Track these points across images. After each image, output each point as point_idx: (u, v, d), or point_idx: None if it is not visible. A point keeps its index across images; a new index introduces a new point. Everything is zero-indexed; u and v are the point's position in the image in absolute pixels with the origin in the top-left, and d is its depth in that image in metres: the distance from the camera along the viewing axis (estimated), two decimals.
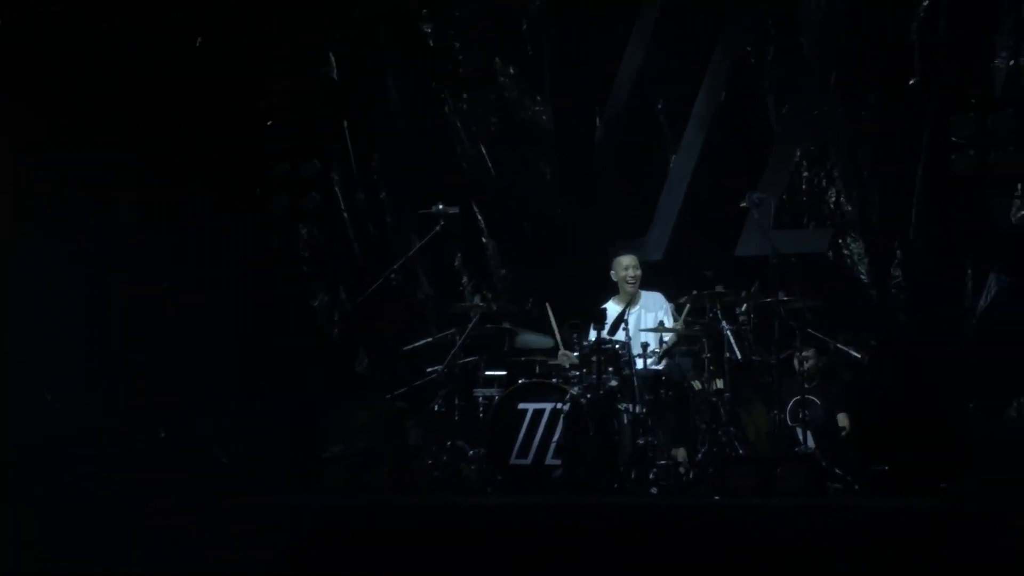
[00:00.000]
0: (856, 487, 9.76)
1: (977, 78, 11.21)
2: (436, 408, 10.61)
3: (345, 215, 13.09)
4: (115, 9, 12.33)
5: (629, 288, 10.89)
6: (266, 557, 8.12)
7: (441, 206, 11.00)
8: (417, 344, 11.18)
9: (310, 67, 13.06)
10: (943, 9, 11.40)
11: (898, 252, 11.61)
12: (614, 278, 10.99)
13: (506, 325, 11.05)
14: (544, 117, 12.85)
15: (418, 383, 10.96)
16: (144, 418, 11.39)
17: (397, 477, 10.22)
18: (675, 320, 10.74)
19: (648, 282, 11.12)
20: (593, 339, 10.25)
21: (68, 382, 11.49)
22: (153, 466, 10.36)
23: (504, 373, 10.82)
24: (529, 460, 10.12)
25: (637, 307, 10.85)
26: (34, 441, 10.54)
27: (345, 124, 13.14)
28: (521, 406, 10.21)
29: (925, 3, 11.48)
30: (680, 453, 10.33)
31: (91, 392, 11.47)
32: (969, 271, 11.31)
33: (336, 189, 13.10)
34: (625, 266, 10.93)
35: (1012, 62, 11.10)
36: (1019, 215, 11.16)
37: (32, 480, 9.71)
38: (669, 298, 10.94)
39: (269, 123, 13.04)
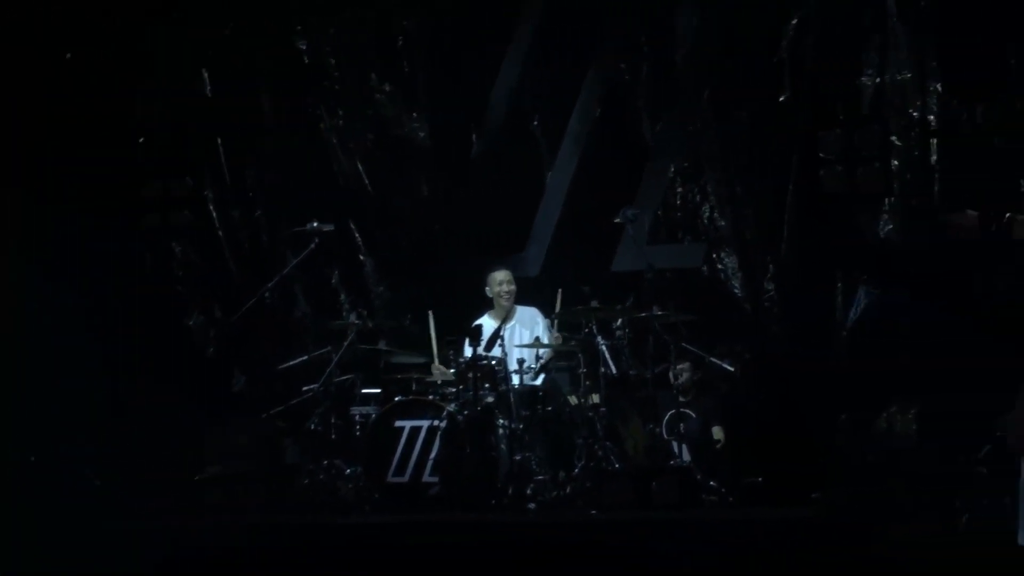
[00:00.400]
0: (730, 499, 9.87)
1: (844, 95, 11.43)
2: (313, 427, 10.53)
3: (219, 233, 12.95)
4: None
5: (504, 303, 10.92)
6: None
7: (316, 223, 10.95)
8: (293, 362, 11.10)
9: (182, 84, 12.91)
10: (812, 28, 11.60)
11: (771, 266, 11.78)
12: (489, 294, 11.01)
13: (382, 344, 11.01)
14: (420, 133, 12.84)
15: (294, 402, 10.88)
16: (14, 443, 11.15)
17: (273, 497, 10.14)
18: (551, 335, 10.79)
19: (526, 298, 11.16)
20: (469, 355, 10.26)
21: None
22: (25, 491, 10.17)
23: (381, 391, 10.77)
24: (406, 478, 10.07)
25: (512, 322, 10.88)
26: None
27: (219, 141, 13.00)
28: (398, 424, 10.17)
29: (794, 21, 11.67)
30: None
31: None
32: (839, 285, 11.50)
33: (210, 207, 12.95)
34: (499, 281, 10.96)
35: (878, 79, 11.32)
36: (887, 229, 11.38)
37: None
38: (545, 314, 10.99)
39: (141, 140, 12.87)
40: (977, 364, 10.50)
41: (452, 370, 10.46)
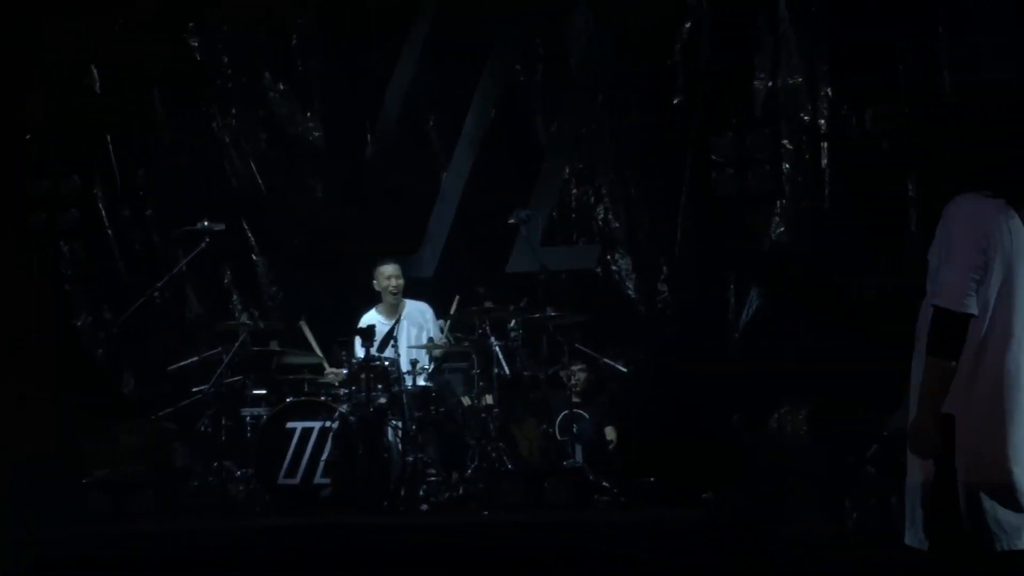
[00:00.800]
0: (622, 499, 9.90)
1: (737, 99, 11.53)
2: (203, 428, 10.42)
3: (109, 232, 12.74)
4: None
5: (392, 298, 10.89)
6: None
7: (207, 222, 10.82)
8: (183, 363, 10.95)
9: (71, 80, 12.68)
10: (705, 31, 11.70)
11: (664, 268, 11.85)
12: (377, 288, 10.98)
13: (274, 344, 10.90)
14: (315, 133, 12.74)
15: (184, 403, 10.74)
16: None
17: (162, 501, 10.00)
18: (444, 334, 10.78)
19: (419, 298, 11.14)
20: (362, 356, 10.21)
21: None
22: None
23: (272, 392, 10.66)
24: (298, 480, 9.99)
25: (402, 318, 10.82)
26: None
27: (108, 138, 12.79)
28: (289, 425, 10.08)
29: (688, 25, 11.75)
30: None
31: None
32: (732, 287, 11.60)
33: (99, 205, 12.74)
34: (387, 275, 10.92)
35: (770, 83, 11.44)
36: (778, 232, 11.50)
37: None
38: (439, 314, 10.96)
39: (27, 137, 12.62)
40: (863, 366, 10.66)
41: (344, 370, 10.39)
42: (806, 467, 10.14)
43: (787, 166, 11.31)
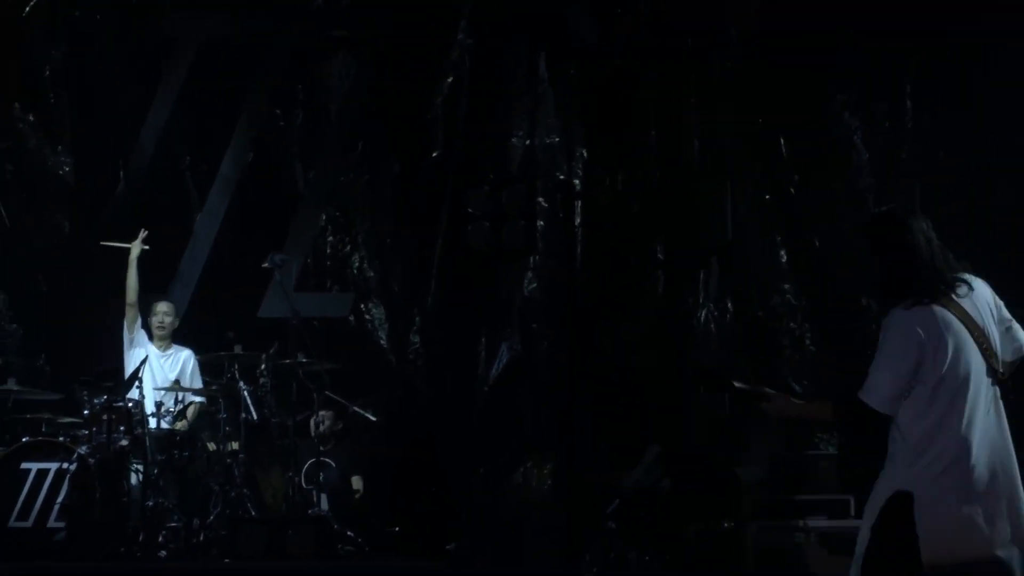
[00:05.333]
0: (366, 549, 9.86)
1: (494, 154, 11.72)
2: None
3: None
4: None
5: (160, 334, 10.64)
6: None
7: None
8: None
9: None
10: (465, 87, 11.87)
11: (417, 319, 11.92)
12: (151, 321, 10.70)
13: (11, 383, 10.52)
14: (64, 168, 12.41)
15: None
16: None
17: None
18: (196, 379, 10.59)
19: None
20: (105, 398, 9.94)
21: None
22: None
23: (4, 431, 10.28)
24: (30, 523, 9.62)
25: (167, 356, 10.60)
26: None
27: None
28: (24, 465, 9.71)
29: (449, 80, 11.92)
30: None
31: None
32: (483, 339, 11.74)
33: None
34: (159, 312, 10.68)
35: (528, 141, 11.68)
36: (531, 287, 11.70)
37: None
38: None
39: None
40: (608, 422, 10.91)
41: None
42: (548, 521, 10.29)
43: (541, 223, 11.53)
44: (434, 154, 11.88)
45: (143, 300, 10.77)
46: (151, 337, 10.71)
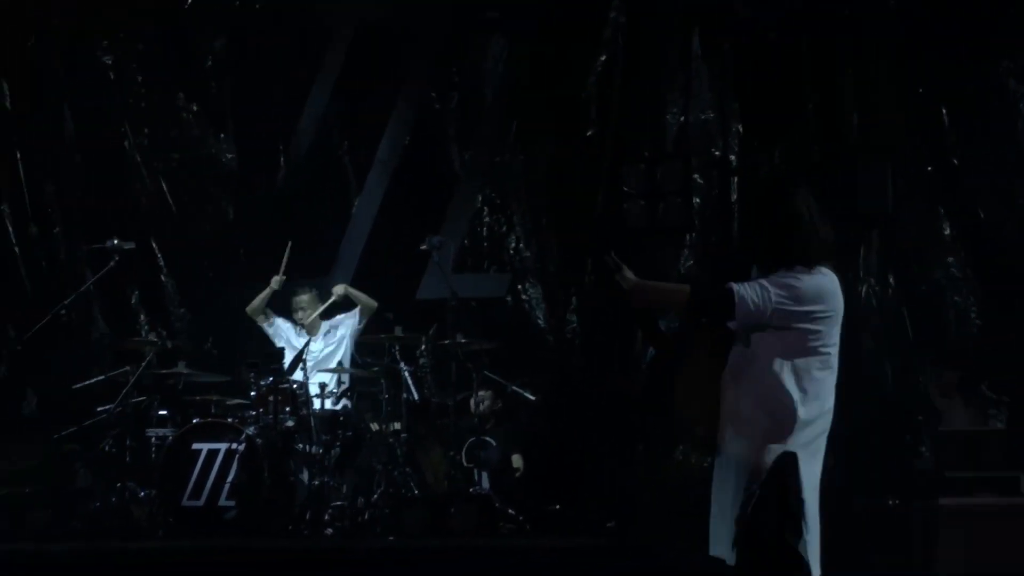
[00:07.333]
0: (527, 527, 9.93)
1: (649, 132, 11.66)
2: (107, 448, 10.28)
3: (16, 249, 12.57)
4: None
5: (304, 323, 10.87)
6: None
7: (116, 241, 10.71)
8: (89, 382, 10.81)
9: None
10: (618, 65, 11.83)
11: (573, 298, 11.93)
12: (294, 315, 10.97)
13: (181, 365, 10.81)
14: (227, 155, 12.70)
15: (88, 423, 10.60)
16: None
17: (61, 521, 9.85)
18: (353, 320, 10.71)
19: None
20: (271, 378, 10.16)
21: None
22: None
23: (177, 412, 10.56)
24: (202, 502, 9.88)
25: (319, 336, 10.81)
26: None
27: (18, 155, 12.64)
28: (195, 446, 9.98)
29: (603, 58, 11.89)
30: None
31: None
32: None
33: (6, 222, 12.57)
34: (297, 308, 10.90)
35: (682, 118, 11.60)
36: (687, 265, 11.63)
37: None
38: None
39: None
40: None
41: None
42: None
43: (697, 200, 11.45)
44: (589, 133, 11.86)
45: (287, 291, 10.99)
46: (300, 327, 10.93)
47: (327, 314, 11.01)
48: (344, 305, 11.08)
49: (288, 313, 11.02)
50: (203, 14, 12.71)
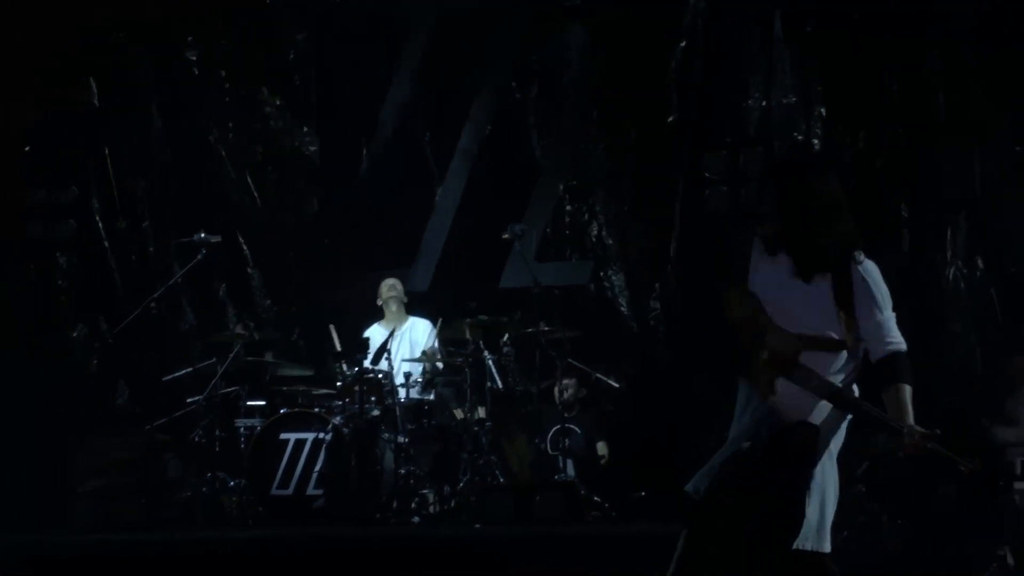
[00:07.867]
0: (613, 514, 9.94)
1: (731, 117, 11.59)
2: (197, 439, 10.42)
3: (105, 243, 12.77)
4: None
5: (391, 312, 10.95)
6: None
7: (203, 234, 10.85)
8: (178, 374, 10.98)
9: (69, 92, 12.72)
10: (699, 51, 11.76)
11: (656, 285, 11.90)
12: (379, 302, 11.04)
13: (268, 356, 10.94)
14: (310, 148, 12.81)
15: (178, 414, 10.76)
16: None
17: (153, 511, 10.02)
18: (438, 348, 10.81)
19: (414, 312, 11.19)
20: (356, 368, 10.25)
21: None
22: None
23: (265, 403, 10.70)
24: (291, 491, 10.01)
25: (403, 331, 10.88)
26: None
27: (107, 151, 12.83)
28: (283, 436, 10.11)
29: (683, 44, 11.82)
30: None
31: None
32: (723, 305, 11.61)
33: (96, 217, 12.77)
34: (387, 287, 10.99)
35: (764, 102, 11.51)
36: None
37: None
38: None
39: (26, 149, 12.66)
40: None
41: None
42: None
43: None
44: (669, 119, 11.80)
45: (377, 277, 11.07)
46: (384, 315, 11.01)
47: (410, 308, 11.09)
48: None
49: (374, 318, 11.10)
50: (286, 8, 12.83)
